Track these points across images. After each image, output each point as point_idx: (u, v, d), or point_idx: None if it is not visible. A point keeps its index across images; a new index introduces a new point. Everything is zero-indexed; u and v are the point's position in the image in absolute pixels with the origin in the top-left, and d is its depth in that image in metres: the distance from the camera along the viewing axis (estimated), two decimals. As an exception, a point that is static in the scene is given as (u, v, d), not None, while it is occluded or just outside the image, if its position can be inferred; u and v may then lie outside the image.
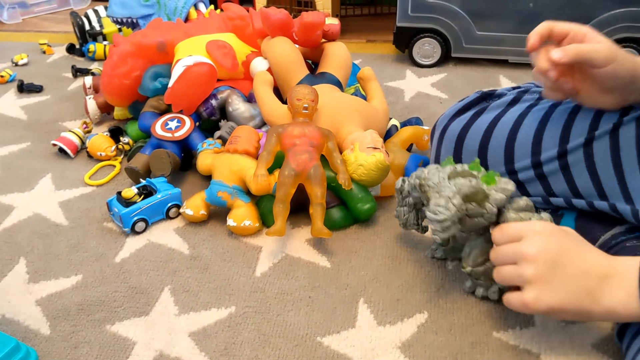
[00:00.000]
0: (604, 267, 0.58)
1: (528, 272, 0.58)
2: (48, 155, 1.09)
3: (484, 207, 0.64)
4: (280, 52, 1.00)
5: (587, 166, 0.70)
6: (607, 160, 0.69)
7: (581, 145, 0.70)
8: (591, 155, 0.70)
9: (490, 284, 0.70)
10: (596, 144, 0.69)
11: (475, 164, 0.68)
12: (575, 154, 0.70)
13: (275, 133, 0.85)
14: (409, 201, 0.75)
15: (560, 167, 0.72)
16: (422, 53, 1.41)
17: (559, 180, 0.73)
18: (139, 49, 1.06)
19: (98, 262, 0.82)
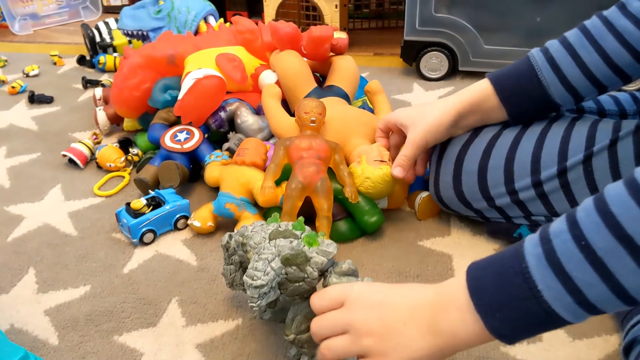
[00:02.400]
0: (430, 296, 0.52)
1: (366, 343, 0.52)
2: (58, 165, 1.10)
3: (304, 271, 0.59)
4: (289, 66, 1.01)
5: (588, 183, 0.70)
6: (607, 176, 0.69)
7: (580, 162, 0.70)
8: (591, 172, 0.70)
9: (315, 352, 0.62)
10: (595, 160, 0.69)
11: (299, 223, 0.63)
12: (575, 171, 0.71)
13: (283, 145, 0.86)
14: (235, 259, 0.69)
15: (561, 185, 0.72)
16: (429, 66, 1.42)
17: (560, 198, 0.73)
18: (149, 61, 1.08)
19: (106, 272, 0.82)
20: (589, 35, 0.71)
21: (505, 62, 1.36)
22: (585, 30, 0.72)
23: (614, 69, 0.71)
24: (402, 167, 0.82)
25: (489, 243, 0.85)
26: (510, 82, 0.76)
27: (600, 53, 0.70)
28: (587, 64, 0.71)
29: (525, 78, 0.75)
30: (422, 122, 0.80)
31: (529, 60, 0.75)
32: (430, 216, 0.92)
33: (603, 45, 0.70)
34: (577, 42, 0.72)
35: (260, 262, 0.57)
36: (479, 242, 0.86)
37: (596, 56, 0.70)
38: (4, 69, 1.59)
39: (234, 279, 0.70)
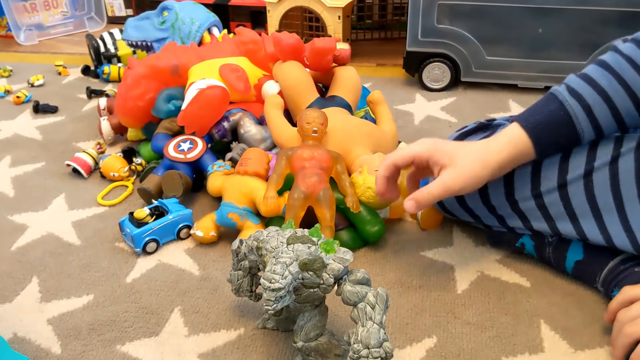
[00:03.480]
0: None
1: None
2: (62, 175, 1.11)
3: (320, 277, 0.59)
4: (291, 76, 1.01)
5: (587, 197, 0.71)
6: (606, 191, 0.69)
7: (581, 176, 0.71)
8: (591, 187, 0.71)
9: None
10: (596, 175, 0.70)
11: (316, 230, 0.63)
12: (575, 185, 0.71)
13: (285, 156, 0.86)
14: (244, 265, 0.69)
15: (560, 198, 0.73)
16: (431, 77, 1.43)
17: (559, 211, 0.74)
18: (153, 71, 1.08)
19: (109, 281, 0.83)
20: (620, 79, 0.70)
21: (508, 73, 1.38)
22: (615, 73, 0.71)
23: (638, 110, 0.71)
24: (420, 204, 0.73)
25: (492, 254, 0.85)
26: (549, 135, 0.72)
27: (632, 98, 0.70)
28: (619, 109, 0.71)
29: (563, 129, 0.72)
30: (462, 169, 0.72)
31: (566, 109, 0.72)
32: (433, 226, 0.92)
33: (635, 89, 0.70)
34: (609, 87, 0.70)
35: (278, 265, 0.57)
36: (481, 253, 0.86)
37: (629, 101, 0.70)
38: (9, 79, 1.60)
39: (241, 284, 0.71)
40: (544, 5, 1.27)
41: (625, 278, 0.71)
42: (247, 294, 0.72)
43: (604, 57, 0.74)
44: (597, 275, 0.75)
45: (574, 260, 0.78)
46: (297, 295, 0.60)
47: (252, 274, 0.71)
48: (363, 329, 0.57)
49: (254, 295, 0.72)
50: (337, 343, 0.65)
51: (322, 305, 0.64)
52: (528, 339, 0.71)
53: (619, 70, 0.70)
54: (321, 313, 0.64)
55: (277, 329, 0.72)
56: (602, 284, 0.75)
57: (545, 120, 0.72)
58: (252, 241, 0.65)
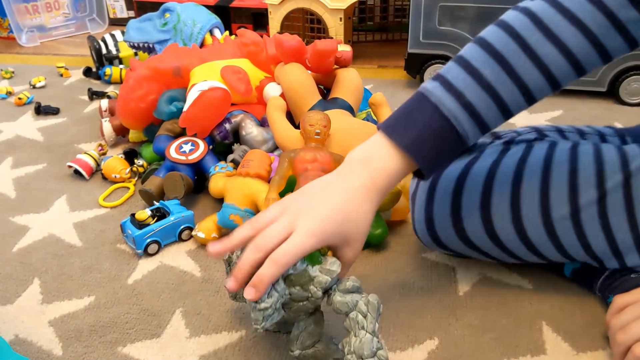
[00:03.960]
0: None
1: None
2: (63, 176, 1.11)
3: (308, 290, 0.58)
4: (293, 78, 1.01)
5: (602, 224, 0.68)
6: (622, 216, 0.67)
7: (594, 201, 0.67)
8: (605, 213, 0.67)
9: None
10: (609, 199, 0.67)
11: (314, 257, 0.61)
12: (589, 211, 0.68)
13: (288, 158, 0.86)
14: None
15: (573, 225, 0.68)
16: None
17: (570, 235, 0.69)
18: (155, 73, 1.09)
19: (111, 283, 0.83)
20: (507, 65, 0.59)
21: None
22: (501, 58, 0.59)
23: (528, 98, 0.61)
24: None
25: (493, 255, 0.85)
26: (429, 147, 0.60)
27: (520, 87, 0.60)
28: (505, 101, 0.60)
29: (445, 137, 0.60)
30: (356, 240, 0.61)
31: (442, 113, 0.59)
32: (403, 216, 0.92)
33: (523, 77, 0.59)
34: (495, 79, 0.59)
35: None
36: (482, 255, 0.86)
37: (517, 93, 0.60)
38: (11, 81, 1.61)
39: (237, 292, 0.69)
40: (545, 8, 1.27)
41: (620, 285, 0.70)
42: (244, 299, 0.68)
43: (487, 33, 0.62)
44: (594, 282, 0.75)
45: (572, 268, 0.78)
46: (287, 309, 0.60)
47: None
48: (356, 339, 0.56)
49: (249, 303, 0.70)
50: (335, 348, 0.65)
51: (317, 312, 0.64)
52: (530, 341, 0.70)
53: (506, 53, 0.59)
54: (316, 321, 0.64)
55: (279, 331, 0.72)
56: (599, 290, 0.74)
57: (420, 133, 0.59)
58: (238, 252, 0.64)
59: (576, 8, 0.58)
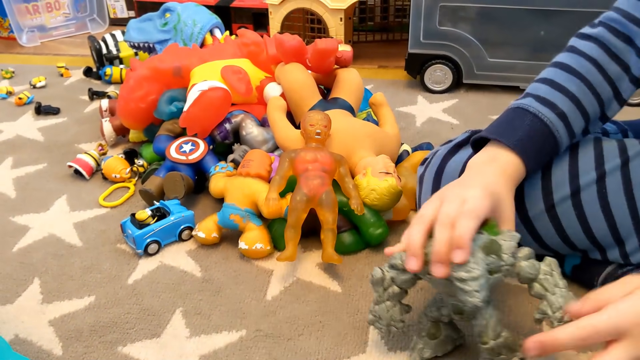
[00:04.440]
0: None
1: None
2: (64, 176, 1.11)
3: (501, 258, 0.58)
4: (294, 78, 1.01)
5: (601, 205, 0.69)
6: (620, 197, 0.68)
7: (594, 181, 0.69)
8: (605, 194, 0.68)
9: (512, 356, 0.62)
10: (609, 181, 0.68)
11: (491, 227, 0.61)
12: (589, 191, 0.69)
13: (288, 158, 0.86)
14: (392, 292, 0.64)
15: (573, 206, 0.70)
16: (433, 79, 1.43)
17: (572, 220, 0.70)
18: (155, 73, 1.09)
19: (111, 283, 0.82)
20: (587, 82, 0.70)
21: (510, 75, 1.38)
22: (581, 76, 0.70)
23: (602, 113, 0.72)
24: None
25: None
26: (532, 148, 0.67)
27: (599, 101, 0.71)
28: (588, 113, 0.70)
29: (544, 140, 0.68)
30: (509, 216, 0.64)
31: (542, 120, 0.68)
32: (404, 216, 0.92)
33: (601, 93, 0.70)
34: (579, 91, 0.69)
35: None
36: (483, 255, 0.85)
37: (595, 104, 0.70)
38: (11, 81, 1.61)
39: (391, 316, 0.64)
40: (546, 8, 1.28)
41: None
42: (399, 324, 0.65)
43: (563, 59, 0.72)
44: (594, 280, 0.75)
45: (572, 264, 0.78)
46: None
47: (400, 301, 0.65)
48: (554, 296, 0.58)
49: (404, 324, 0.66)
50: (516, 334, 0.63)
51: (492, 300, 0.62)
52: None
53: (585, 73, 0.70)
54: (496, 307, 0.62)
55: (436, 355, 0.68)
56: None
57: (526, 135, 0.67)
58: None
59: None
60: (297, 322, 0.75)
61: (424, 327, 0.67)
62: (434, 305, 0.65)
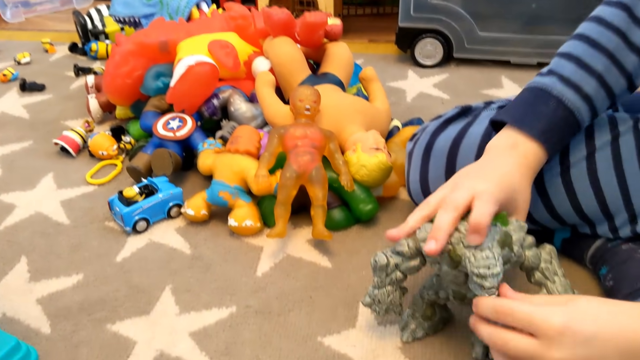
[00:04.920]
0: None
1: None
2: (50, 154, 1.09)
3: (512, 250, 0.57)
4: (283, 53, 1.00)
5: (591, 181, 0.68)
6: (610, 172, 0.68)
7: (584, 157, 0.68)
8: (594, 169, 0.68)
9: None
10: (598, 156, 0.68)
11: (502, 217, 0.60)
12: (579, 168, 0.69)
13: (277, 134, 0.85)
14: (395, 277, 0.62)
15: (563, 183, 0.70)
16: (424, 53, 1.41)
17: (560, 193, 0.70)
18: (141, 48, 1.06)
19: (99, 261, 0.82)
20: (615, 60, 0.66)
21: (501, 49, 1.37)
22: (610, 54, 0.66)
23: (629, 87, 0.68)
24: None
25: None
26: (556, 137, 0.65)
27: (626, 77, 0.67)
28: (615, 93, 0.67)
29: (568, 127, 0.66)
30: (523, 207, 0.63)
31: (566, 106, 0.65)
32: (394, 192, 0.92)
33: (628, 68, 0.66)
34: (606, 72, 0.66)
35: (484, 252, 0.54)
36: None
37: (623, 82, 0.67)
38: (-5, 57, 1.58)
39: (392, 300, 0.64)
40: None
41: (613, 256, 0.71)
42: (397, 308, 0.65)
43: (589, 31, 0.68)
44: (584, 253, 0.75)
45: (562, 238, 0.78)
46: None
47: (401, 286, 0.65)
48: (553, 285, 0.60)
49: (402, 309, 0.66)
50: None
51: None
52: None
53: (613, 50, 0.65)
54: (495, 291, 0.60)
55: (428, 334, 0.68)
56: (590, 261, 0.75)
57: (549, 122, 0.65)
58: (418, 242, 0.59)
59: None
60: (287, 298, 0.75)
61: (418, 308, 0.67)
62: (431, 288, 0.65)
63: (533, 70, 1.35)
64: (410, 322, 0.68)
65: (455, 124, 0.80)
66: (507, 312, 0.52)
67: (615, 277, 0.69)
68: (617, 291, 0.67)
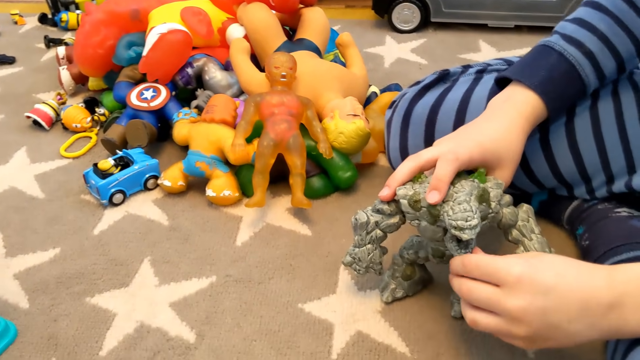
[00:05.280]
0: (606, 293, 0.48)
1: (519, 332, 0.49)
2: (22, 128, 1.07)
3: (489, 206, 0.57)
4: (257, 19, 0.98)
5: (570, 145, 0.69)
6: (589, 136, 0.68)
7: (563, 123, 0.68)
8: (573, 132, 0.68)
9: None
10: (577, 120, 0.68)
11: (480, 174, 0.61)
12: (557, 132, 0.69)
13: (253, 102, 0.84)
14: (375, 235, 0.63)
15: (542, 149, 0.70)
16: (401, 18, 1.40)
17: (539, 157, 0.70)
18: (111, 17, 1.04)
19: (76, 235, 0.81)
20: (620, 22, 0.65)
21: (478, 13, 1.36)
22: (613, 15, 0.65)
23: (638, 52, 0.66)
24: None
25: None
26: (556, 90, 0.65)
27: (634, 41, 0.65)
28: (621, 54, 0.66)
29: (569, 81, 0.65)
30: (510, 161, 0.63)
31: (567, 59, 0.65)
32: (373, 159, 0.92)
33: (635, 32, 0.65)
34: (609, 31, 0.65)
35: (462, 204, 0.54)
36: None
37: (630, 45, 0.65)
38: (-38, 29, 1.53)
39: (372, 258, 0.64)
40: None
41: (589, 215, 0.72)
42: (378, 267, 0.65)
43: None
44: (562, 214, 0.76)
45: (539, 200, 0.78)
46: None
47: (379, 245, 0.65)
48: (530, 242, 0.60)
49: (381, 268, 0.66)
50: None
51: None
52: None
53: (618, 13, 0.65)
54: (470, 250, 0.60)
55: (407, 295, 0.69)
56: (567, 222, 0.76)
57: (549, 75, 0.64)
58: (406, 197, 0.58)
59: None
60: (268, 266, 0.75)
61: (398, 268, 0.68)
62: (411, 248, 0.66)
63: (510, 33, 1.34)
64: (391, 283, 0.68)
65: (433, 90, 0.79)
66: (473, 264, 0.53)
67: (591, 237, 0.70)
68: (593, 250, 0.68)
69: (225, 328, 0.66)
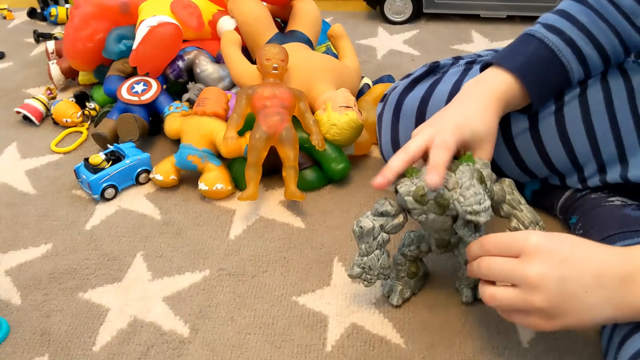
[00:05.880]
0: (619, 265, 0.49)
1: (537, 302, 0.49)
2: (12, 123, 1.06)
3: (487, 186, 0.58)
4: (248, 10, 0.97)
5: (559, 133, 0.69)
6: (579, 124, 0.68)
7: (552, 112, 0.68)
8: (563, 121, 0.68)
9: None
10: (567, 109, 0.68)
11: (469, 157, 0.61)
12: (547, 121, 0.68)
13: (245, 94, 0.84)
14: (381, 240, 0.60)
15: (531, 136, 0.69)
16: (393, 10, 1.39)
17: (530, 147, 0.70)
18: (101, 10, 1.03)
19: (68, 230, 0.80)
20: (602, 16, 0.66)
21: (470, 3, 1.35)
22: (594, 10, 0.66)
23: (623, 47, 0.67)
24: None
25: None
26: (537, 74, 0.65)
27: (617, 36, 0.66)
28: (604, 47, 0.66)
29: (550, 66, 0.66)
30: (488, 140, 0.63)
31: (547, 45, 0.66)
32: (365, 150, 0.92)
33: (617, 26, 0.66)
34: (591, 23, 0.66)
35: (470, 189, 0.55)
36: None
37: (614, 39, 0.66)
38: (-51, 24, 1.51)
39: (381, 263, 0.62)
40: None
41: (583, 204, 0.72)
42: (387, 271, 0.63)
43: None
44: (554, 203, 0.76)
45: (532, 189, 0.78)
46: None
47: (385, 249, 0.62)
48: (522, 213, 0.61)
49: (390, 272, 0.65)
50: None
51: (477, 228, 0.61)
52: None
53: (599, 7, 0.66)
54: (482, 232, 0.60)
55: (414, 293, 0.69)
56: (560, 211, 0.76)
57: (528, 60, 0.65)
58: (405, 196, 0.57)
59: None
60: (261, 259, 0.74)
61: (402, 268, 0.67)
62: (411, 244, 0.65)
63: (503, 23, 1.34)
64: (397, 285, 0.67)
65: (423, 82, 0.79)
66: (490, 242, 0.54)
67: (585, 226, 0.70)
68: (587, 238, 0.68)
69: (219, 322, 0.66)
